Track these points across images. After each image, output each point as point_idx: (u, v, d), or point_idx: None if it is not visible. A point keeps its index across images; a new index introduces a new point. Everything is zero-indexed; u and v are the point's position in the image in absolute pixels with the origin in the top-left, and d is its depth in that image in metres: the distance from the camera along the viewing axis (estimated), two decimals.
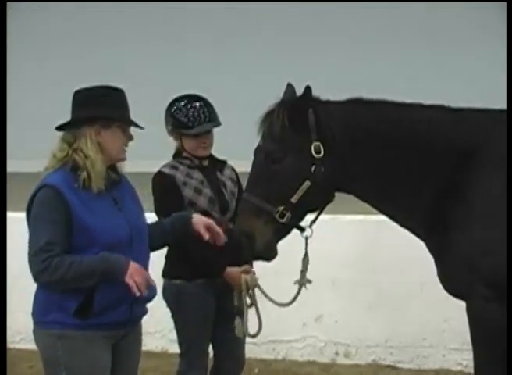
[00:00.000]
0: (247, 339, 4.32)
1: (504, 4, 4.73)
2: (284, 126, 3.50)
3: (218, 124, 4.21)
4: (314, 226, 3.74)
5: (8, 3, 4.54)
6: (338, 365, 6.13)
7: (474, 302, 3.39)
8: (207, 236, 3.55)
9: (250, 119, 3.70)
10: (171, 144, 4.31)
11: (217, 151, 4.33)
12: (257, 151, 3.61)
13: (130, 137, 3.40)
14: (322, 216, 3.81)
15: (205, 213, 3.94)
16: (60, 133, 3.37)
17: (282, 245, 3.64)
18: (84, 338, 3.24)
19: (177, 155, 4.26)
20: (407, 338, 6.01)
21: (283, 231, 3.57)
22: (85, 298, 3.21)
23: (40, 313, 3.29)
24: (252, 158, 3.67)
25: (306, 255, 3.79)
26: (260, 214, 3.50)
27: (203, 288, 4.12)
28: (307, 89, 3.51)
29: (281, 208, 3.48)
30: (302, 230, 3.67)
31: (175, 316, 4.21)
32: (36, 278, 3.19)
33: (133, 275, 3.16)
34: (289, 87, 3.64)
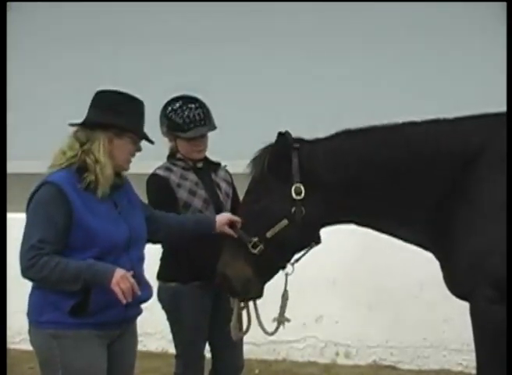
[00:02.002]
0: (248, 339, 4.32)
1: (504, 4, 4.72)
2: (264, 171, 3.60)
3: (213, 128, 4.19)
4: None
5: (8, 3, 4.53)
6: (338, 365, 6.13)
7: (478, 303, 3.39)
8: (233, 233, 3.68)
9: (246, 119, 3.71)
10: (166, 145, 4.30)
11: (212, 152, 4.33)
12: (246, 191, 3.72)
13: (139, 149, 3.43)
14: None
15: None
16: (67, 131, 3.37)
17: None
18: (80, 337, 3.25)
19: (171, 156, 4.25)
20: (408, 339, 6.01)
21: (264, 269, 3.61)
22: (81, 297, 3.21)
23: (36, 313, 3.30)
24: (247, 158, 3.72)
25: (285, 291, 3.85)
26: (238, 244, 3.62)
27: (198, 290, 4.11)
28: (287, 136, 3.58)
29: (255, 239, 3.55)
30: (283, 267, 3.72)
31: (170, 318, 4.21)
32: (23, 273, 3.21)
33: (118, 282, 3.15)
34: (281, 137, 3.63)
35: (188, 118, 4.12)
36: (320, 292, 6.10)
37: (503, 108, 3.63)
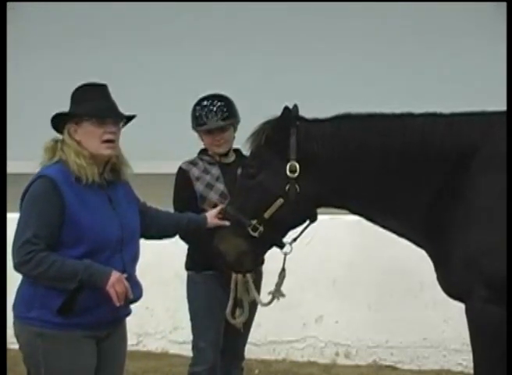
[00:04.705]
0: (248, 339, 4.34)
1: (504, 4, 4.72)
2: (260, 145, 3.62)
3: (229, 123, 4.27)
4: (313, 225, 3.76)
5: (9, 3, 4.53)
6: (338, 365, 6.13)
7: (473, 304, 3.37)
8: (227, 223, 3.69)
9: (250, 120, 3.73)
10: (189, 144, 4.45)
11: None
12: (243, 165, 3.76)
13: (110, 132, 3.32)
14: (322, 217, 3.82)
15: (216, 206, 4.09)
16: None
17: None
18: (65, 338, 3.23)
19: (202, 151, 4.41)
20: (408, 339, 6.01)
21: (260, 246, 3.64)
22: (68, 296, 3.19)
23: (23, 308, 3.28)
24: None
25: (283, 270, 3.89)
26: (235, 226, 3.62)
27: (211, 279, 4.21)
28: (288, 110, 3.59)
29: (254, 221, 3.56)
30: (281, 247, 3.73)
31: (189, 307, 4.31)
32: (16, 268, 3.18)
33: (114, 284, 3.17)
34: (286, 111, 3.64)
35: (206, 112, 4.26)
36: (320, 292, 6.10)
37: (502, 107, 3.62)
